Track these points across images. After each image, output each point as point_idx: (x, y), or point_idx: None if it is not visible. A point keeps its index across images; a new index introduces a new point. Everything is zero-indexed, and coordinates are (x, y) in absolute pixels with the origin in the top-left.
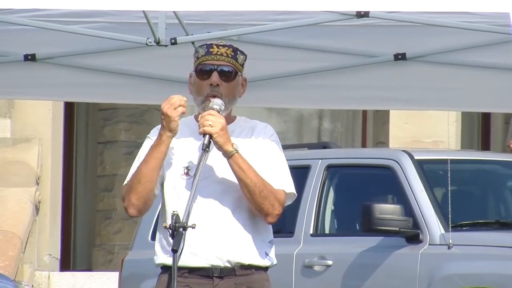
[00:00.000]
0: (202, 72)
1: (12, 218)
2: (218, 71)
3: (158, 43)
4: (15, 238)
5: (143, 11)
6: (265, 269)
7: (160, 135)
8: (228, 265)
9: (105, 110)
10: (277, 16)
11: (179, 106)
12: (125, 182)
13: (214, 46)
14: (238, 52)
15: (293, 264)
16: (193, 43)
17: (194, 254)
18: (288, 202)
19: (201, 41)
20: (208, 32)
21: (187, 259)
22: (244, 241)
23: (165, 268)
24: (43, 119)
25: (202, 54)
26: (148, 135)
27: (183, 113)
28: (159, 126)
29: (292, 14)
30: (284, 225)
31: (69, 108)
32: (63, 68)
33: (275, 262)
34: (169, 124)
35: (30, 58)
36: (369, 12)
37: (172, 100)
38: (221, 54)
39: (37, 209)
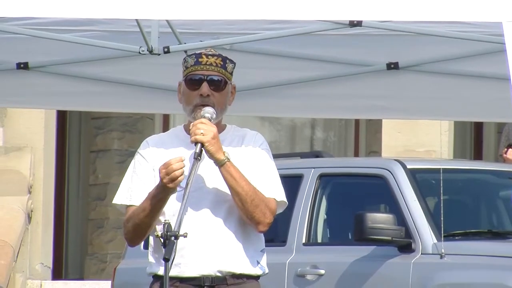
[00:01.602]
0: (192, 82)
1: (4, 226)
2: (208, 81)
3: (151, 51)
4: (7, 246)
5: (136, 20)
6: (257, 278)
7: (162, 190)
8: (220, 274)
9: (98, 119)
10: (270, 25)
11: (178, 177)
12: (119, 202)
13: (203, 56)
14: (227, 61)
15: (285, 273)
16: (185, 51)
17: (185, 264)
18: (279, 211)
19: (194, 49)
20: (201, 41)
21: (179, 268)
22: (235, 250)
23: (157, 277)
24: (35, 128)
25: (191, 64)
26: (138, 151)
27: (181, 180)
28: (148, 139)
29: (284, 23)
30: (276, 234)
31: (62, 116)
32: (56, 76)
33: (266, 271)
34: (169, 191)
35: (23, 66)
36: (362, 21)
37: (171, 173)
38: (211, 64)
39: (29, 217)
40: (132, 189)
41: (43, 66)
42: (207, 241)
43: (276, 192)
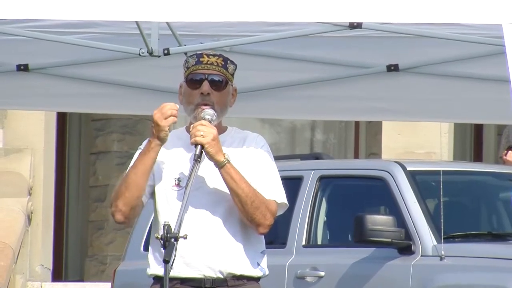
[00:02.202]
0: (193, 82)
1: (4, 228)
2: (209, 80)
3: (151, 53)
4: (7, 248)
5: (136, 22)
6: (257, 279)
7: (149, 142)
8: (220, 275)
9: (98, 121)
10: (270, 27)
11: (170, 116)
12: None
13: (205, 56)
14: (229, 62)
15: (285, 275)
16: (186, 53)
17: (186, 265)
18: (280, 212)
19: (194, 51)
20: (201, 43)
21: (179, 269)
22: (236, 252)
23: (157, 279)
24: (35, 130)
25: (192, 63)
26: (139, 146)
27: (174, 122)
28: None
29: (284, 25)
30: (276, 236)
31: (62, 118)
32: (56, 78)
33: (267, 272)
34: (158, 133)
35: (23, 68)
36: (361, 23)
37: (164, 109)
38: (212, 64)
39: (29, 219)
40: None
41: (43, 68)
42: (207, 242)
43: (276, 194)
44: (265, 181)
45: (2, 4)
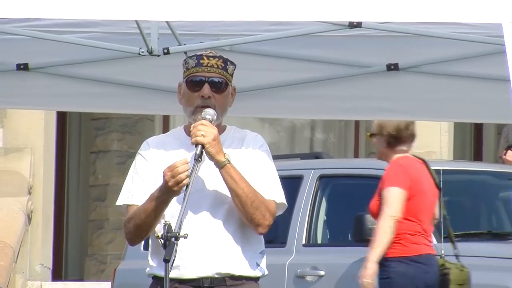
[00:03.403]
0: (193, 84)
1: (4, 227)
2: (209, 82)
3: (150, 53)
4: (7, 247)
5: (136, 21)
6: (256, 279)
7: (165, 192)
8: (218, 276)
9: (98, 120)
10: (270, 26)
11: (183, 180)
12: (121, 203)
13: (205, 58)
14: (228, 63)
15: (285, 274)
16: (185, 53)
17: (184, 265)
18: (279, 213)
19: (194, 51)
20: (201, 42)
21: (178, 270)
22: (234, 252)
23: (156, 279)
24: (35, 129)
25: (192, 65)
26: (139, 151)
27: (186, 183)
28: (149, 140)
29: (284, 24)
30: (276, 235)
31: (62, 117)
32: (55, 77)
33: (266, 272)
34: (173, 194)
35: (23, 67)
36: (361, 22)
37: (176, 175)
38: (212, 66)
39: (29, 218)
40: (133, 189)
41: (43, 67)
42: (206, 243)
43: (276, 194)
44: (264, 181)
45: (1, 3)
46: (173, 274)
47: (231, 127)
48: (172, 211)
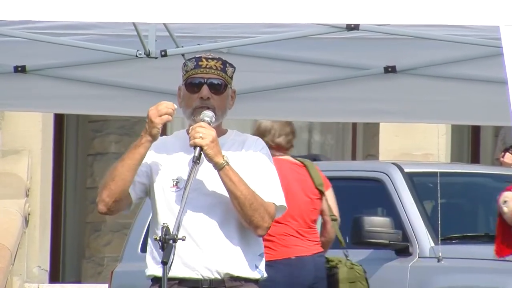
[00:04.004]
0: (192, 86)
1: (1, 230)
2: (208, 84)
3: (148, 55)
4: (4, 250)
5: (133, 23)
6: (255, 281)
7: (141, 137)
8: (218, 276)
9: (95, 122)
10: (267, 28)
11: (165, 114)
12: None
13: (203, 59)
14: (227, 65)
15: None
16: (183, 55)
17: (184, 266)
18: (278, 215)
19: (191, 53)
20: (199, 44)
21: (177, 270)
22: (233, 253)
23: (155, 280)
24: (33, 131)
25: (191, 67)
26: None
27: (168, 121)
28: None
29: (282, 26)
30: None
31: (59, 120)
32: (53, 80)
33: (265, 275)
34: (151, 130)
35: (20, 69)
36: (359, 25)
37: (160, 107)
38: (211, 67)
39: (26, 221)
40: None
41: (41, 70)
42: (206, 243)
43: (275, 197)
44: (264, 184)
45: None
46: (173, 274)
47: (232, 131)
48: (170, 212)
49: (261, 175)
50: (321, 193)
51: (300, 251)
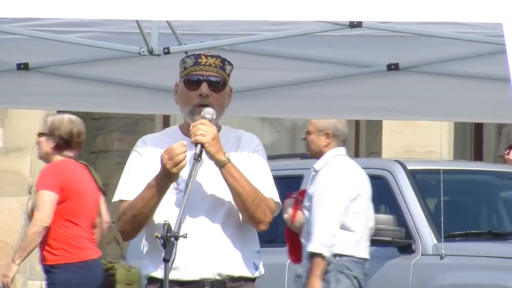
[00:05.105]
0: (191, 83)
1: (4, 227)
2: (207, 81)
3: (151, 52)
4: (7, 247)
5: (136, 21)
6: (253, 280)
7: (160, 179)
8: (219, 277)
9: (98, 120)
10: (270, 26)
11: (181, 161)
12: (117, 198)
13: (202, 57)
14: (226, 63)
15: (285, 273)
16: (186, 52)
17: (184, 267)
18: (276, 212)
19: (194, 50)
20: (201, 42)
21: (178, 272)
22: (233, 253)
23: (152, 280)
24: (36, 129)
25: (190, 64)
26: (134, 148)
27: (184, 165)
28: (145, 138)
29: (284, 24)
30: (276, 235)
31: None
32: (56, 77)
33: (263, 272)
34: (171, 178)
35: (23, 67)
36: (362, 22)
37: (173, 156)
38: (210, 65)
39: (29, 218)
40: (128, 185)
41: (44, 67)
42: (206, 244)
43: (273, 193)
44: (262, 181)
45: (2, 3)
46: (173, 276)
47: (225, 127)
48: (170, 212)
49: (258, 172)
50: (104, 194)
51: (93, 254)
